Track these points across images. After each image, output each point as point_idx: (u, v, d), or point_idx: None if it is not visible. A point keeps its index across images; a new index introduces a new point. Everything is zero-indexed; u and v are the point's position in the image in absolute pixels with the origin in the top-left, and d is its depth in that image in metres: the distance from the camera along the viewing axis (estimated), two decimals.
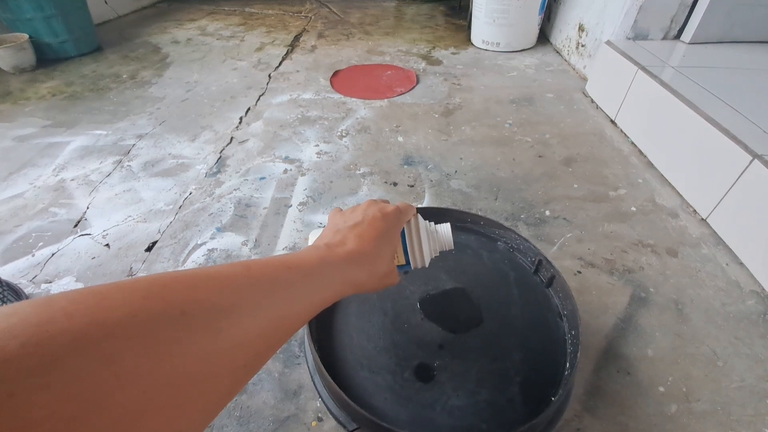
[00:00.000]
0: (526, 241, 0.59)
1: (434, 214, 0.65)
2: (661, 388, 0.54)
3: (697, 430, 0.50)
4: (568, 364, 0.47)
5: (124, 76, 1.48)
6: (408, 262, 0.40)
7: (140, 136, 1.13)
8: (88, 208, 0.89)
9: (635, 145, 1.01)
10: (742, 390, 0.54)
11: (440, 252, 0.42)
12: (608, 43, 1.14)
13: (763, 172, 0.66)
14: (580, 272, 0.71)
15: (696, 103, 0.83)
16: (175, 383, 0.15)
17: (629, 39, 1.16)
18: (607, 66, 1.14)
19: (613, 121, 1.10)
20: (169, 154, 1.05)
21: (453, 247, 0.42)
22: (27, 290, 0.71)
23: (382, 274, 0.34)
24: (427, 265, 0.41)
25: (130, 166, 1.02)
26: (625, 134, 1.05)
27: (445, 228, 0.42)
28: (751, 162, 0.69)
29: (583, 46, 1.36)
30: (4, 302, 0.62)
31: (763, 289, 0.66)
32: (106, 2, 2.02)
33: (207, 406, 0.17)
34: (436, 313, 0.52)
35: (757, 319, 0.62)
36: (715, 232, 0.76)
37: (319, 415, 0.52)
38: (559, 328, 0.51)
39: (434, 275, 0.58)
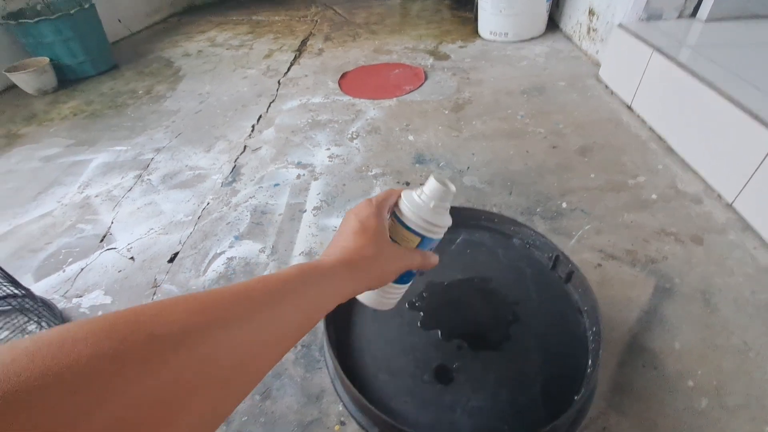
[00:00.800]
0: (543, 236, 0.58)
1: None
2: (690, 382, 0.53)
3: (729, 426, 0.48)
4: (590, 362, 0.46)
5: (140, 92, 1.53)
6: (424, 236, 0.37)
7: (158, 150, 1.17)
8: (112, 222, 0.93)
9: (653, 131, 0.98)
10: None
11: (446, 203, 0.37)
12: (621, 26, 1.11)
13: None
14: (600, 265, 0.69)
15: (717, 83, 0.80)
16: (149, 404, 0.15)
17: (642, 20, 1.12)
18: (620, 50, 1.11)
19: (629, 107, 1.07)
20: (186, 165, 1.08)
21: (452, 189, 0.36)
22: (60, 305, 0.74)
23: (384, 269, 0.33)
24: (447, 224, 0.38)
25: (149, 179, 1.05)
26: (642, 119, 1.02)
27: (429, 182, 0.36)
28: None
29: (594, 30, 1.32)
30: (40, 317, 0.65)
31: None
32: (119, 21, 2.08)
33: (192, 424, 0.17)
34: (453, 314, 0.52)
35: None
36: (742, 217, 0.73)
37: (342, 419, 0.53)
38: (579, 325, 0.50)
39: (449, 275, 0.57)
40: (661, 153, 0.91)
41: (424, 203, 0.36)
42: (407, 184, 0.92)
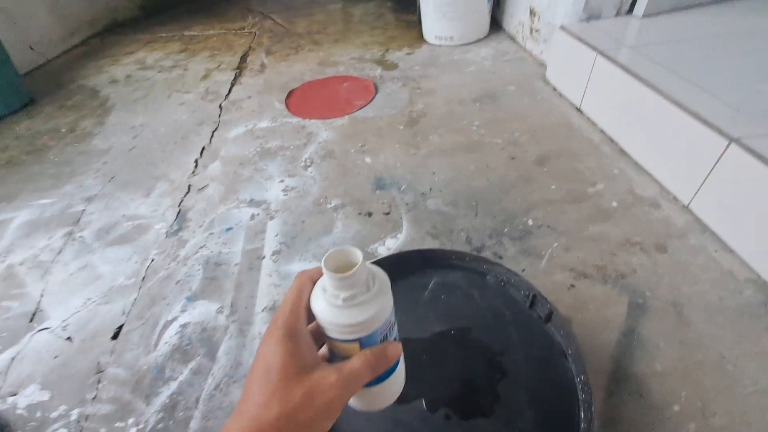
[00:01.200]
0: (516, 274, 0.55)
1: (413, 259, 0.61)
2: (676, 407, 0.52)
3: None
4: (582, 416, 0.44)
5: (63, 130, 1.37)
6: (358, 338, 0.29)
7: (89, 199, 1.05)
8: (42, 295, 0.82)
9: (604, 133, 0.99)
10: (757, 394, 0.52)
11: (357, 287, 0.28)
12: (562, 28, 1.11)
13: (742, 156, 0.65)
14: (573, 286, 0.68)
15: (659, 86, 0.81)
16: None
17: (583, 21, 1.13)
18: (564, 52, 1.12)
19: (578, 109, 1.08)
20: (123, 215, 0.97)
21: (353, 270, 0.27)
22: None
23: (314, 413, 0.26)
24: (380, 308, 0.29)
25: (82, 237, 0.94)
26: (592, 122, 1.03)
27: (325, 274, 0.28)
28: (728, 146, 0.67)
29: (537, 31, 1.33)
30: None
31: (759, 275, 0.65)
32: (31, 48, 1.87)
33: None
34: (435, 378, 0.48)
35: (758, 311, 0.61)
36: (699, 218, 0.75)
37: None
38: (567, 371, 0.48)
39: (426, 328, 0.54)
40: (614, 156, 0.93)
41: (332, 301, 0.28)
42: (369, 214, 0.87)
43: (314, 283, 0.30)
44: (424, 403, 0.46)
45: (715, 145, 0.69)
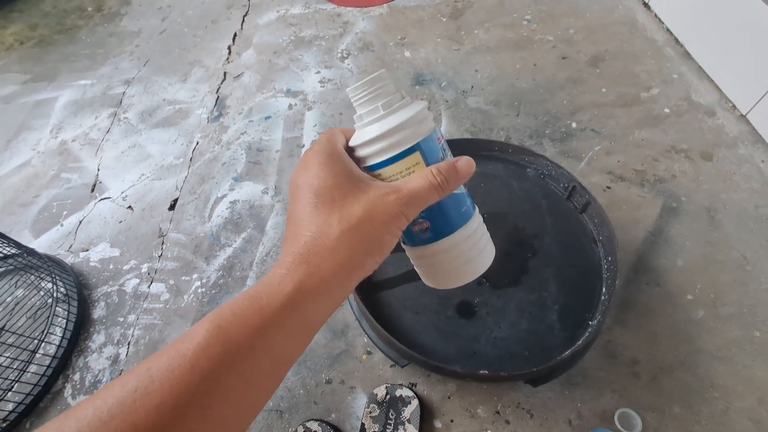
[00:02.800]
0: (558, 166, 0.56)
1: (457, 146, 0.62)
2: (690, 296, 0.57)
3: (722, 332, 0.53)
4: (604, 290, 0.48)
5: (90, 9, 1.32)
6: (416, 144, 0.24)
7: (128, 82, 1.05)
8: (99, 170, 0.88)
9: (671, 33, 0.90)
10: None
11: (384, 85, 0.24)
12: None
13: None
14: (609, 188, 0.69)
15: None
16: None
17: None
18: None
19: (646, 4, 0.97)
20: (164, 99, 0.99)
21: (377, 73, 0.24)
22: (68, 260, 0.73)
23: (373, 227, 0.22)
24: (417, 109, 0.24)
25: (127, 118, 0.97)
26: (660, 20, 0.93)
27: (354, 85, 0.25)
28: None
29: None
30: (53, 278, 0.65)
31: None
32: None
33: None
34: None
35: None
36: (754, 128, 0.72)
37: (368, 349, 0.57)
38: (594, 254, 0.52)
39: None
40: (677, 60, 0.86)
41: (370, 117, 0.24)
42: None
43: (343, 135, 0.26)
44: None
45: None
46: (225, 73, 1.02)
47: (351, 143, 0.25)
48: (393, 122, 0.24)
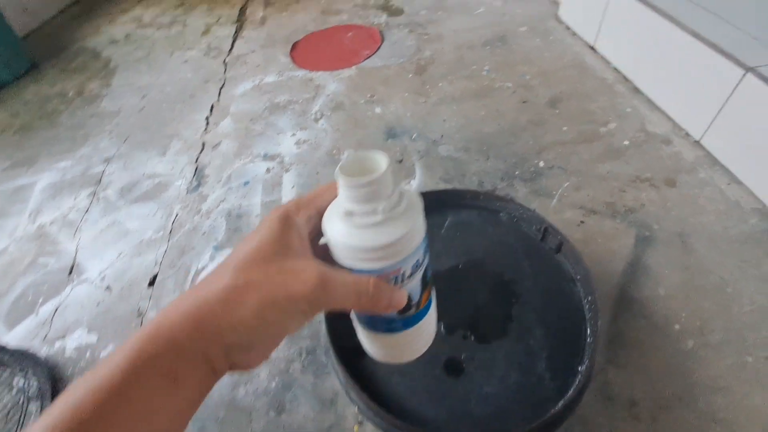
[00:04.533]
0: (529, 209, 0.58)
1: (430, 199, 0.63)
2: (677, 326, 0.56)
3: (715, 362, 0.53)
4: (589, 331, 0.48)
5: (71, 94, 1.37)
6: (352, 269, 0.23)
7: (107, 160, 1.07)
8: (77, 251, 0.87)
9: (618, 71, 0.97)
10: (753, 313, 0.56)
11: (376, 201, 0.22)
12: None
13: (757, 85, 0.64)
14: (583, 222, 0.70)
15: (678, 17, 0.78)
16: None
17: None
18: None
19: (592, 48, 1.05)
20: (143, 174, 1.00)
21: (377, 171, 0.21)
22: (43, 350, 0.70)
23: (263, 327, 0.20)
24: (395, 238, 0.22)
25: (106, 196, 0.97)
26: (606, 60, 1.00)
27: (341, 182, 0.22)
28: (744, 76, 0.66)
29: None
30: (26, 374, 0.62)
31: (764, 204, 0.67)
32: (25, 9, 1.82)
33: None
34: (453, 305, 0.53)
35: (761, 237, 0.63)
36: (709, 153, 0.76)
37: (359, 419, 0.54)
38: (575, 294, 0.52)
39: (444, 263, 0.57)
40: (628, 95, 0.91)
41: (340, 219, 0.22)
42: None
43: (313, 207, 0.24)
44: (442, 326, 0.51)
45: (730, 76, 0.68)
46: (203, 144, 1.05)
47: (323, 226, 0.23)
48: (390, 236, 0.21)
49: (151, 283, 0.77)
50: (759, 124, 0.65)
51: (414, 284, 0.25)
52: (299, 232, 0.23)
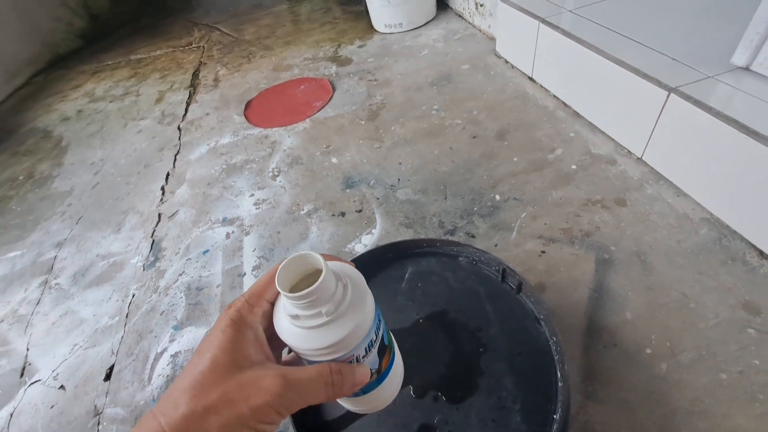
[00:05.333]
0: (485, 252, 0.58)
1: (387, 252, 0.62)
2: (648, 350, 0.56)
3: (690, 383, 0.52)
4: (559, 374, 0.47)
5: (21, 178, 1.33)
6: (310, 361, 0.25)
7: (59, 244, 1.03)
8: (28, 349, 0.81)
9: (558, 98, 1.01)
10: (719, 326, 0.56)
11: (321, 304, 0.23)
12: (504, 0, 1.12)
13: (681, 104, 0.68)
14: (544, 252, 0.71)
15: (600, 46, 0.84)
16: None
17: None
18: (509, 24, 1.13)
19: (531, 79, 1.10)
20: (97, 255, 0.96)
21: (318, 281, 0.22)
22: None
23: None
24: (345, 333, 0.23)
25: (58, 284, 0.92)
26: (545, 89, 1.05)
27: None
28: (668, 97, 0.70)
29: (482, 5, 1.34)
30: None
31: (711, 213, 0.69)
32: None
33: None
34: (420, 364, 0.51)
35: (713, 247, 0.65)
36: (653, 168, 0.79)
37: None
38: (541, 335, 0.51)
39: (406, 317, 0.56)
40: (569, 120, 0.95)
41: (294, 323, 0.23)
42: (342, 214, 0.88)
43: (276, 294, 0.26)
44: (411, 390, 0.48)
45: (656, 97, 0.72)
46: (159, 215, 1.02)
47: (274, 322, 0.25)
48: (336, 335, 0.23)
49: (107, 376, 0.71)
50: (690, 139, 0.69)
51: (372, 357, 0.27)
52: (255, 334, 0.23)
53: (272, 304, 0.25)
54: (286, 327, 0.24)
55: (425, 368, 0.50)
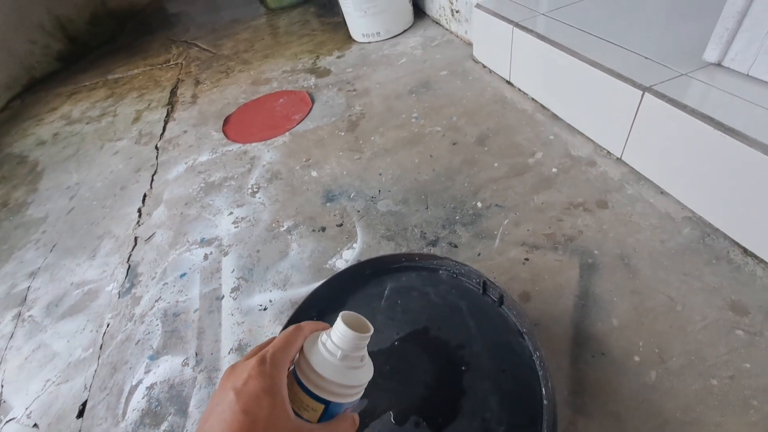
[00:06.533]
0: (465, 265, 0.56)
1: (365, 269, 0.60)
2: (636, 357, 0.54)
3: (680, 390, 0.50)
4: (544, 391, 0.45)
5: None
6: (330, 402, 0.29)
7: (33, 274, 0.99)
8: (2, 386, 0.77)
9: (536, 101, 1.01)
10: (707, 329, 0.55)
11: (361, 351, 0.31)
12: (478, 6, 1.12)
13: (656, 103, 0.67)
14: (527, 260, 0.69)
15: (573, 47, 0.83)
16: None
17: None
18: (485, 29, 1.13)
19: (509, 82, 1.10)
20: (72, 284, 0.93)
21: (368, 333, 0.31)
22: None
23: None
24: (366, 380, 0.32)
25: (32, 316, 0.89)
26: (524, 92, 1.05)
27: (337, 326, 0.30)
28: (643, 96, 0.69)
29: (457, 11, 1.34)
30: None
31: (693, 212, 0.68)
32: None
33: None
34: (401, 388, 0.48)
35: (697, 246, 0.64)
36: (633, 168, 0.78)
37: None
38: (524, 350, 0.49)
39: (386, 338, 0.53)
40: (548, 123, 0.94)
41: (330, 355, 0.29)
42: (323, 229, 0.86)
43: (305, 339, 0.31)
44: (392, 415, 0.46)
45: (631, 97, 0.71)
46: (136, 238, 0.99)
47: (311, 359, 0.29)
48: (347, 379, 0.29)
49: (80, 413, 0.68)
50: (667, 137, 0.68)
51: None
52: (287, 396, 0.27)
53: (292, 360, 0.30)
54: (330, 364, 0.29)
55: (406, 392, 0.48)
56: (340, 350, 0.29)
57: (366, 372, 0.32)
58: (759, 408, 0.47)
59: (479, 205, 0.81)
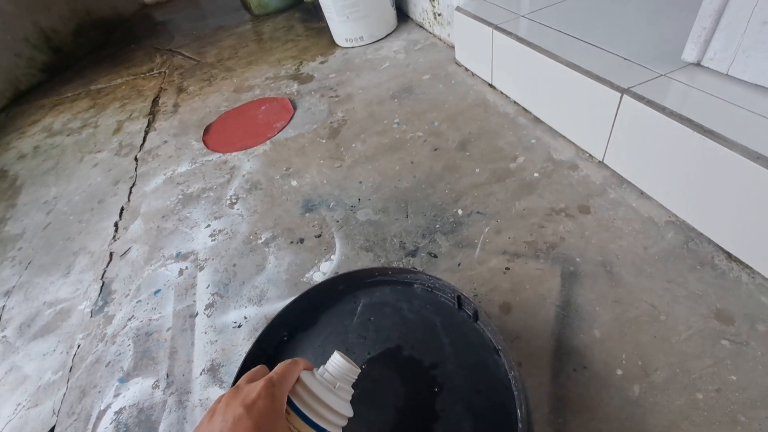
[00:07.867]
0: (439, 279, 0.54)
1: (338, 284, 0.58)
2: (619, 371, 0.52)
3: (665, 406, 0.48)
4: (519, 413, 0.42)
5: None
6: (324, 429, 0.33)
7: (7, 293, 0.96)
8: None
9: (518, 104, 0.99)
10: (692, 339, 0.53)
11: (349, 385, 0.39)
12: (458, 9, 1.11)
13: (635, 105, 0.65)
14: (508, 269, 0.67)
15: (553, 50, 0.81)
16: None
17: None
18: (466, 32, 1.11)
19: (491, 85, 1.08)
20: (44, 303, 0.90)
21: (358, 369, 0.39)
22: None
23: None
24: (349, 415, 0.37)
25: (5, 336, 0.86)
26: (506, 96, 1.03)
27: (336, 360, 0.38)
28: (621, 98, 0.67)
29: (440, 15, 1.32)
30: None
31: (676, 216, 0.66)
32: None
33: None
34: (371, 412, 0.46)
35: (681, 252, 0.62)
36: (615, 171, 0.76)
37: None
38: (500, 368, 0.47)
39: (359, 357, 0.51)
40: (530, 126, 0.93)
41: (329, 384, 0.35)
42: (301, 241, 0.84)
43: (301, 371, 0.35)
44: None
45: (610, 99, 0.69)
46: (111, 254, 0.97)
47: (311, 387, 0.34)
48: (340, 407, 0.35)
49: None
50: (647, 140, 0.66)
51: None
52: (285, 424, 0.29)
53: (291, 384, 0.33)
54: (329, 393, 0.35)
55: (376, 418, 0.45)
56: (338, 381, 0.35)
57: (349, 406, 0.37)
58: (746, 424, 0.45)
59: (460, 212, 0.79)
